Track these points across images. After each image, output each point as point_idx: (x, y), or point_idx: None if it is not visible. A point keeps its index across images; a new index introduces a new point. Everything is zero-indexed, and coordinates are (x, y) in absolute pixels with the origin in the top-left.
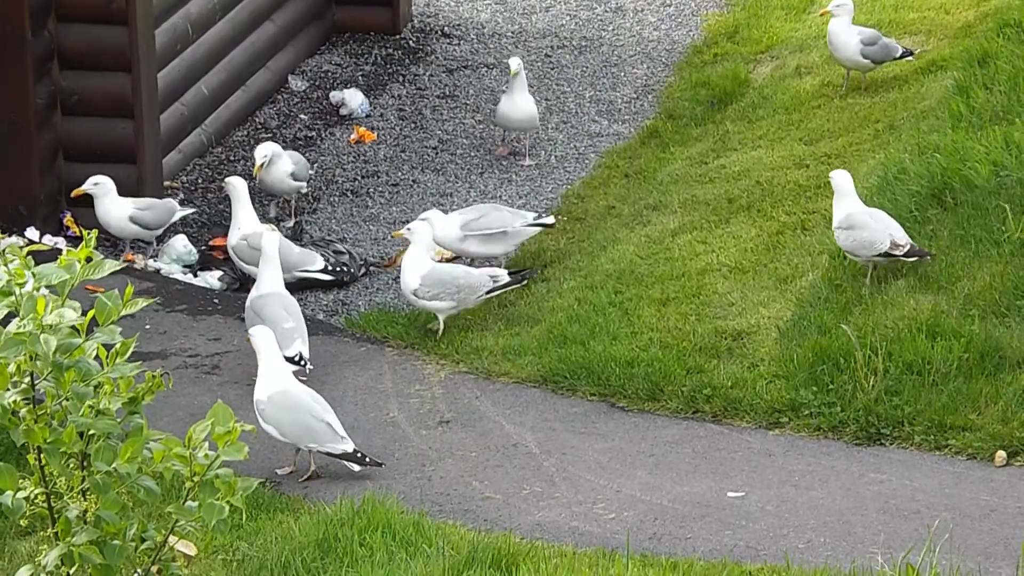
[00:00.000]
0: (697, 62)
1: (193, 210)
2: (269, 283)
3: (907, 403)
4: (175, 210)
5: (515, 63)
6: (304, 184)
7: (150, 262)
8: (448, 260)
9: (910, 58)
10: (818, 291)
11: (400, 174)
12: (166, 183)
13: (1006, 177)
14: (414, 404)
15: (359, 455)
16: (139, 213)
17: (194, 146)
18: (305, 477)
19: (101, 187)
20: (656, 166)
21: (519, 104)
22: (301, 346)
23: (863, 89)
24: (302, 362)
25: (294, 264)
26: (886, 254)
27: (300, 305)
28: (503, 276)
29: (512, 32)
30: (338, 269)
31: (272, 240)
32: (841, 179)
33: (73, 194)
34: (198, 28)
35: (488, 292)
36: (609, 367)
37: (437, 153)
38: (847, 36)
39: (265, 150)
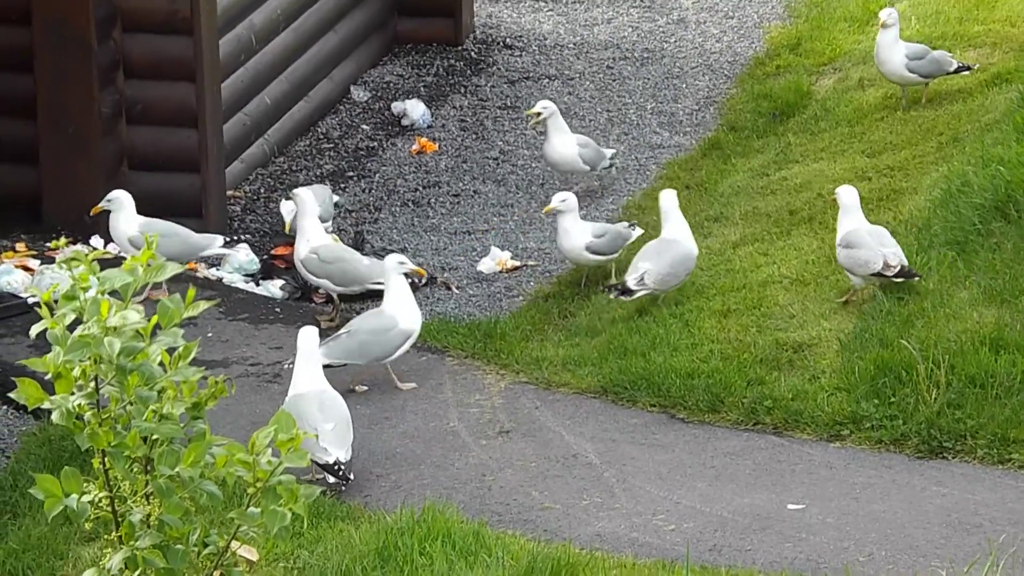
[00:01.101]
0: (759, 74)
1: (228, 251)
2: (307, 381)
3: (970, 416)
4: (201, 246)
5: (539, 106)
6: (329, 224)
7: (212, 271)
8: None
9: (967, 72)
10: (880, 304)
11: (461, 184)
12: (229, 192)
13: None
14: (474, 414)
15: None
16: (139, 237)
17: (256, 156)
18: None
19: (115, 203)
20: (717, 178)
21: (556, 146)
22: (340, 451)
23: (925, 102)
24: (340, 471)
25: (365, 277)
26: (878, 274)
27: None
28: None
29: (574, 44)
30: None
31: (308, 336)
32: (847, 195)
33: (92, 212)
34: (262, 38)
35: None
36: (669, 378)
37: (498, 164)
38: (891, 51)
39: (289, 207)
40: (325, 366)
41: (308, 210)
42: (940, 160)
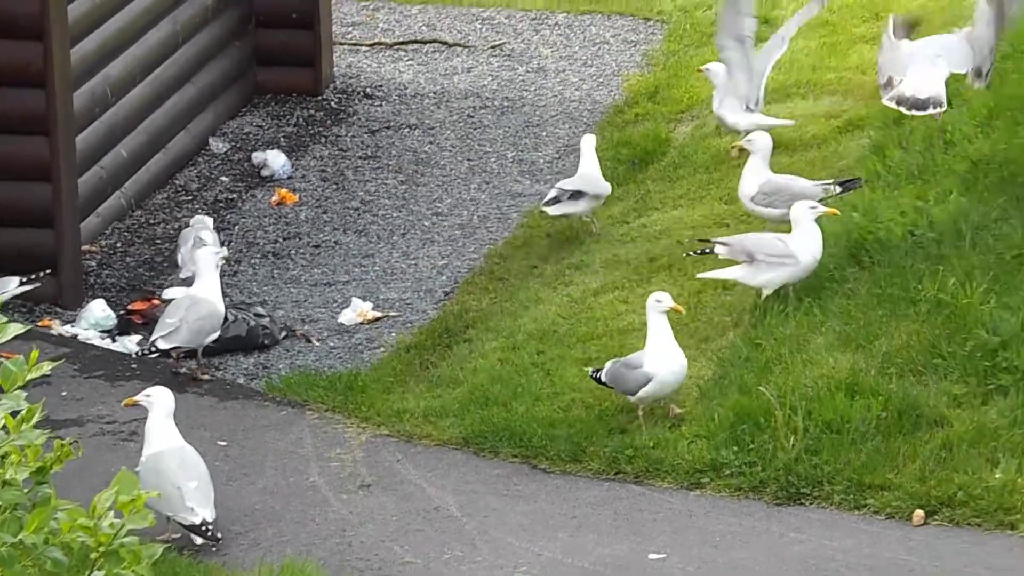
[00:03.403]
0: (619, 122)
1: (24, 288)
2: (163, 438)
3: (826, 462)
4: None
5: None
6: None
7: (68, 327)
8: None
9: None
10: (738, 350)
11: (322, 235)
12: (84, 247)
13: (921, 236)
14: (335, 468)
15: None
16: None
17: (113, 209)
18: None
19: None
20: (578, 226)
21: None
22: (205, 510)
23: (784, 149)
24: (207, 531)
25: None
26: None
27: (220, 370)
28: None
29: (434, 92)
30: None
31: (162, 394)
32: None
33: None
34: (118, 91)
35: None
36: (531, 428)
37: (359, 214)
38: (748, 184)
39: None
40: (163, 350)
41: (205, 271)
42: None
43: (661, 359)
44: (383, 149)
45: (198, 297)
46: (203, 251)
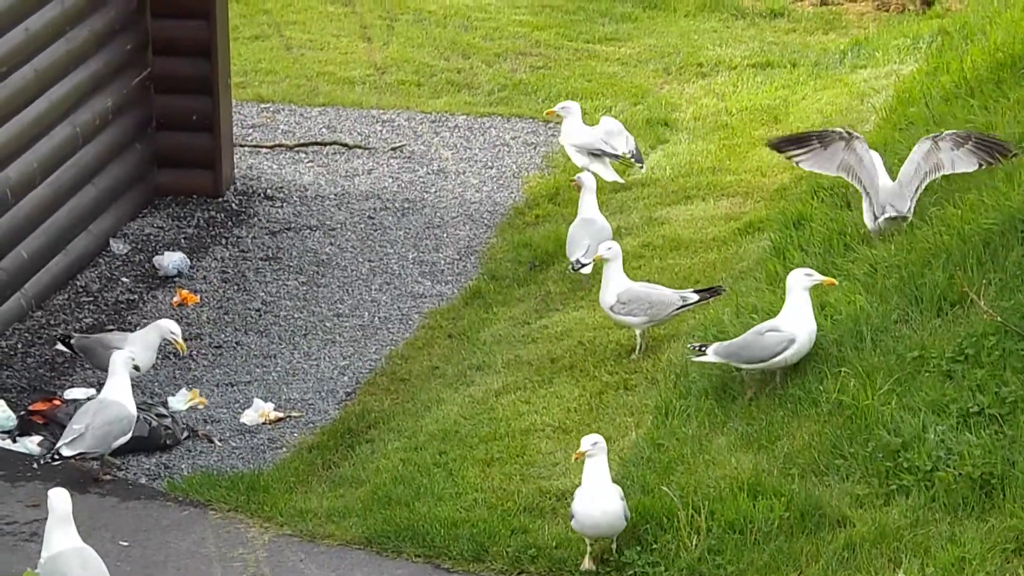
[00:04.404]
0: (519, 223)
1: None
2: (62, 540)
3: (730, 562)
4: None
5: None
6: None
7: None
8: None
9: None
10: (640, 451)
11: (223, 336)
12: None
13: (822, 337)
14: (237, 568)
15: None
16: None
17: (13, 311)
18: None
19: None
20: (479, 326)
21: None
22: None
23: (684, 250)
24: None
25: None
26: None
27: (122, 470)
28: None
29: (335, 194)
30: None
31: (61, 496)
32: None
33: None
34: (17, 192)
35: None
36: (434, 528)
37: (260, 315)
38: (607, 293)
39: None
40: (67, 457)
41: (118, 371)
42: (696, 309)
43: (799, 324)
44: (284, 250)
45: (107, 400)
46: (116, 354)
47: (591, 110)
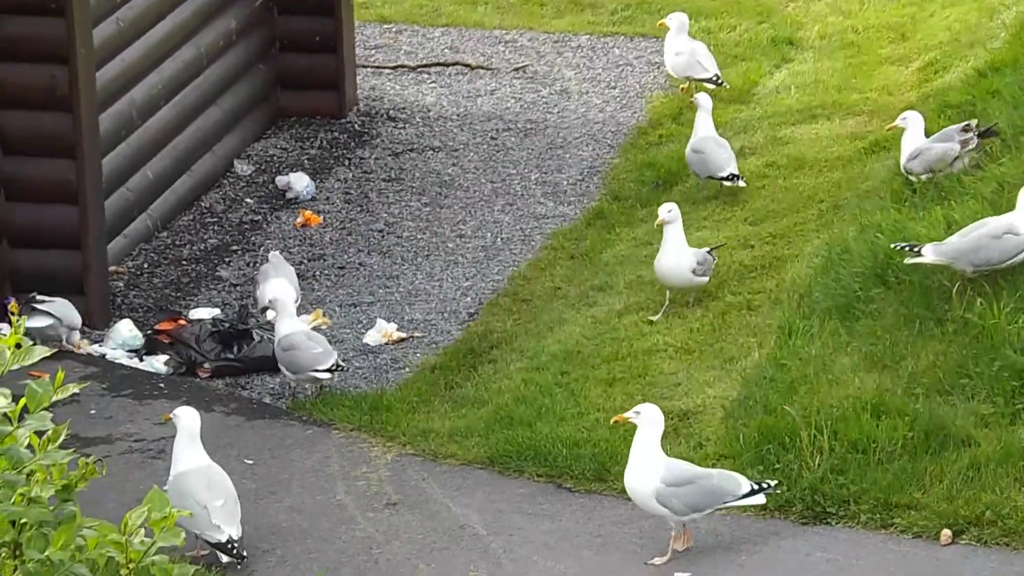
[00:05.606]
0: (642, 143)
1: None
2: (190, 458)
3: (853, 482)
4: None
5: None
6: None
7: (95, 347)
8: None
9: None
10: (763, 370)
11: (346, 257)
12: (111, 268)
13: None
14: (361, 487)
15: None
16: None
17: (139, 231)
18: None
19: None
20: (602, 247)
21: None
22: (232, 529)
23: (808, 169)
24: (233, 550)
25: (308, 365)
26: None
27: (247, 390)
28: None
29: (457, 115)
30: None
31: (189, 414)
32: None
33: None
34: (143, 114)
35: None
36: (556, 448)
37: (383, 236)
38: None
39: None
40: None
41: (287, 311)
42: (821, 227)
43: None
44: (407, 171)
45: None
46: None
47: (715, 29)
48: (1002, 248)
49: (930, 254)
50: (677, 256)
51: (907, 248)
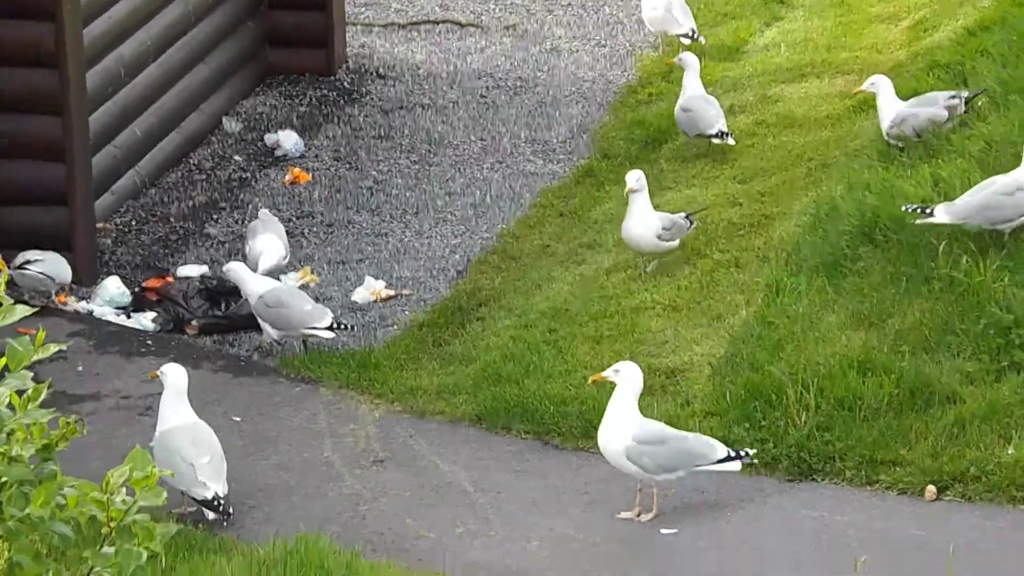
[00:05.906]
0: (632, 102)
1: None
2: (175, 415)
3: (838, 439)
4: None
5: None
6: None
7: (83, 304)
8: None
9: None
10: (750, 328)
11: (335, 214)
12: (99, 225)
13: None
14: (348, 444)
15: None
16: None
17: (127, 188)
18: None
19: None
20: (591, 205)
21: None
22: (218, 485)
23: (797, 128)
24: (219, 507)
25: (300, 322)
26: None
27: (234, 347)
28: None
29: (447, 73)
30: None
31: (176, 372)
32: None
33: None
34: (131, 71)
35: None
36: (543, 405)
37: (372, 193)
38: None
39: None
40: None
41: (249, 274)
42: (809, 186)
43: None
44: (396, 129)
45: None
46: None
47: None
48: (1015, 204)
49: (942, 214)
50: (644, 221)
51: (917, 210)
